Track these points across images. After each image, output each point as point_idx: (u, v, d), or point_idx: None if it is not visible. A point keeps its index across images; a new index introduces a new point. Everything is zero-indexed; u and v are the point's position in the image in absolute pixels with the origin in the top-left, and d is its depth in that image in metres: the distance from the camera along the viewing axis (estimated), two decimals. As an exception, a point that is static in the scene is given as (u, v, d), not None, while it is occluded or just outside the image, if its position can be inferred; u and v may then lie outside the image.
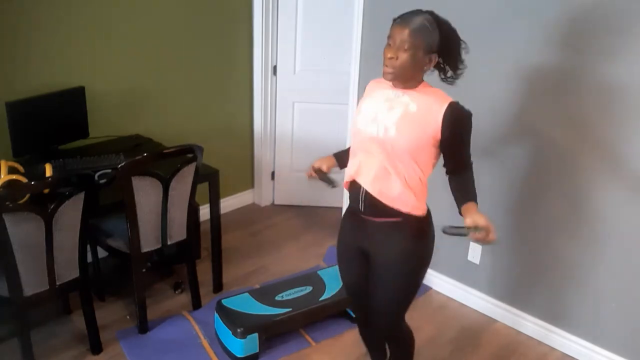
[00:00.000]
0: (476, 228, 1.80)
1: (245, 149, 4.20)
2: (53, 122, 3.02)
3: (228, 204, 4.12)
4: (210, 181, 3.09)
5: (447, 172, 1.97)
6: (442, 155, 1.95)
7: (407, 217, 1.96)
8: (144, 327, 2.91)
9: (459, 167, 1.95)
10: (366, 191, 1.97)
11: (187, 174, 2.78)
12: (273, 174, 4.30)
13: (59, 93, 3.01)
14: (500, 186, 2.92)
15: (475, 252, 3.12)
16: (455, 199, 1.95)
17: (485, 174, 2.94)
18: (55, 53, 3.05)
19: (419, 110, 1.88)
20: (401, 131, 1.87)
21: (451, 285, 3.29)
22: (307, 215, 4.19)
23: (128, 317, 3.04)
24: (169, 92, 3.61)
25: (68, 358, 2.74)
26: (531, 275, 2.97)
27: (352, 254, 2.15)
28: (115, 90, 3.34)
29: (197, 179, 2.86)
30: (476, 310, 3.20)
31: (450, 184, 1.98)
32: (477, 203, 1.91)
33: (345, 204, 3.77)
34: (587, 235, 2.71)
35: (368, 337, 2.40)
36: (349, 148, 2.16)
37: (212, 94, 3.86)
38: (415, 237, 2.00)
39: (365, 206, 2.00)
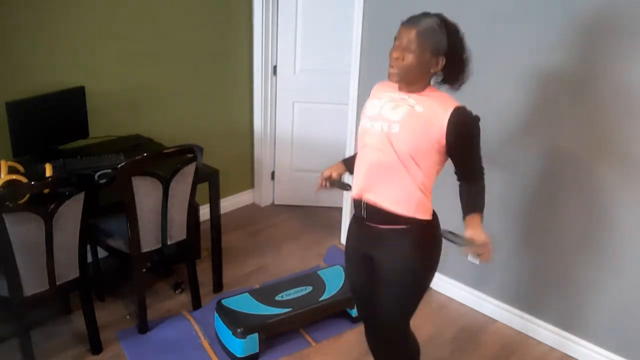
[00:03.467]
0: (472, 243, 1.79)
1: (245, 149, 4.20)
2: (53, 122, 3.02)
3: (228, 204, 4.12)
4: (210, 181, 3.09)
5: (458, 179, 1.94)
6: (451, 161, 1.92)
7: (411, 224, 1.93)
8: (144, 327, 2.91)
9: (468, 175, 1.92)
10: (367, 199, 1.96)
11: (187, 174, 2.78)
12: (273, 174, 4.30)
13: (59, 93, 3.01)
14: (509, 188, 2.92)
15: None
16: (462, 207, 1.92)
17: (495, 176, 2.94)
18: (55, 53, 3.05)
19: (425, 112, 1.84)
20: (405, 129, 1.84)
21: (451, 285, 3.29)
22: (307, 215, 4.19)
23: (128, 317, 3.04)
24: (169, 92, 3.61)
25: (68, 358, 2.74)
26: (531, 275, 2.97)
27: (358, 260, 2.13)
28: (115, 90, 3.34)
29: (197, 179, 2.86)
30: (476, 310, 3.20)
31: (459, 191, 1.94)
32: (482, 215, 1.87)
33: (345, 204, 3.78)
34: (588, 235, 2.71)
35: (374, 344, 2.33)
36: (356, 154, 2.14)
37: (212, 94, 3.86)
38: (420, 244, 1.96)
39: (368, 213, 1.98)
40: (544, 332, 2.96)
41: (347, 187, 2.10)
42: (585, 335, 2.83)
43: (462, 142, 1.85)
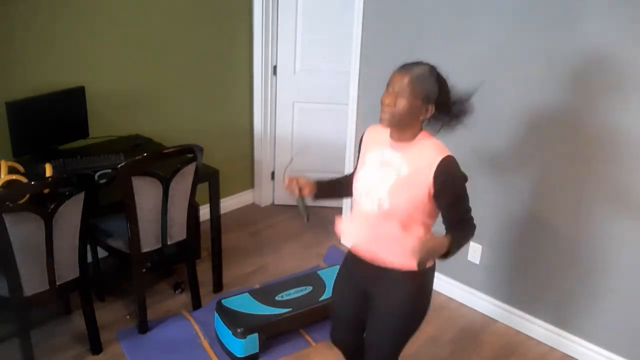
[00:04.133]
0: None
1: (245, 149, 4.20)
2: (53, 122, 3.02)
3: (228, 204, 4.12)
4: (210, 181, 3.09)
5: (445, 229, 1.92)
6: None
7: (410, 270, 1.94)
8: (144, 327, 2.91)
9: (454, 224, 1.90)
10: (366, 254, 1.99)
11: (187, 174, 2.78)
12: (273, 174, 4.30)
13: (59, 93, 3.01)
14: (507, 189, 2.92)
15: (475, 252, 3.12)
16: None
17: (493, 177, 2.95)
18: (56, 53, 3.05)
19: (410, 173, 1.86)
20: (394, 200, 1.87)
21: (451, 285, 3.29)
22: (307, 215, 4.19)
23: (128, 317, 3.04)
24: (169, 92, 3.61)
25: (68, 358, 2.75)
26: (531, 276, 2.97)
27: (352, 291, 2.14)
28: (115, 90, 3.34)
29: (197, 179, 2.86)
30: (476, 310, 3.20)
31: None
32: (452, 245, 1.80)
33: (345, 204, 3.78)
34: (587, 235, 2.71)
35: None
36: (333, 180, 2.17)
37: (212, 94, 3.86)
38: (420, 284, 2.00)
39: (368, 260, 2.01)
40: (544, 332, 2.96)
41: (306, 216, 2.01)
42: (585, 335, 2.83)
43: (447, 190, 1.85)
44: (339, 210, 3.84)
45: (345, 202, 3.78)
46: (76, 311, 2.95)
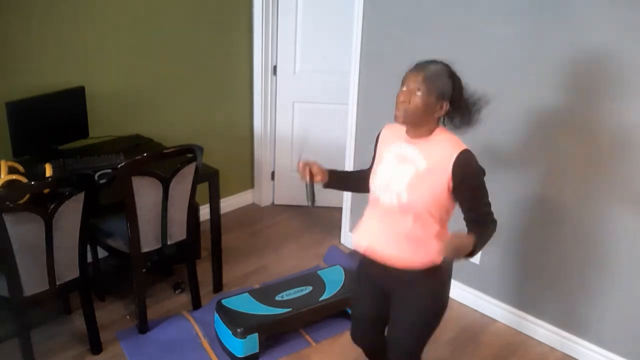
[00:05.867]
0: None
1: (245, 149, 4.20)
2: (53, 122, 3.02)
3: (228, 204, 4.12)
4: (210, 181, 3.09)
5: (466, 225, 1.92)
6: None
7: (429, 267, 1.95)
8: (144, 327, 2.91)
9: (474, 218, 1.91)
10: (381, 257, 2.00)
11: (187, 174, 2.78)
12: (273, 174, 4.30)
13: (59, 93, 3.01)
14: (506, 186, 2.92)
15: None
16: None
17: (496, 177, 2.94)
18: (55, 53, 3.05)
19: (428, 167, 1.88)
20: (412, 194, 1.88)
21: (451, 285, 3.27)
22: (307, 215, 4.19)
23: (128, 317, 3.04)
24: (169, 92, 3.61)
25: (68, 358, 2.75)
26: (531, 275, 2.97)
27: (372, 290, 2.15)
28: (115, 90, 3.34)
29: (197, 179, 2.86)
30: (476, 310, 3.20)
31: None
32: (477, 243, 1.79)
33: (345, 204, 3.78)
34: (587, 235, 2.71)
35: None
36: (347, 172, 2.19)
37: (212, 94, 3.86)
38: (439, 280, 2.02)
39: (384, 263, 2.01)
40: (544, 332, 2.96)
41: (312, 202, 2.02)
42: (586, 335, 2.83)
43: (467, 184, 1.87)
44: (339, 211, 3.84)
45: (346, 202, 3.77)
46: (76, 311, 2.95)
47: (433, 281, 2.01)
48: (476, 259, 3.13)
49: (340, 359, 2.83)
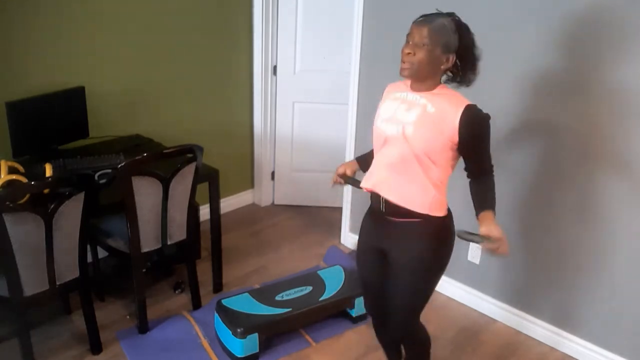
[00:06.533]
0: (489, 238, 1.83)
1: (245, 149, 4.20)
2: (53, 122, 3.02)
3: (228, 204, 4.12)
4: (210, 181, 3.09)
5: (467, 176, 1.99)
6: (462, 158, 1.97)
7: (427, 218, 1.97)
8: (144, 327, 2.91)
9: (478, 171, 1.97)
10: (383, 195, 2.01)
11: (187, 174, 2.78)
12: (273, 174, 4.30)
13: (59, 93, 3.01)
14: (505, 187, 2.91)
15: (475, 252, 3.12)
16: (474, 204, 1.96)
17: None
18: (55, 53, 3.05)
19: (437, 112, 1.89)
20: (419, 130, 1.89)
21: (451, 285, 3.29)
22: (307, 215, 4.19)
23: (128, 317, 3.04)
24: (169, 92, 3.61)
25: (68, 358, 2.74)
26: (531, 275, 2.97)
27: (371, 254, 2.16)
28: (115, 90, 3.34)
29: (197, 179, 2.86)
30: (476, 310, 3.20)
31: (470, 189, 1.99)
32: (494, 212, 1.92)
33: (345, 204, 3.78)
34: (591, 236, 2.71)
35: (384, 337, 2.39)
36: (370, 151, 2.19)
37: (213, 94, 3.86)
38: (435, 239, 2.02)
39: (387, 207, 2.02)
40: (544, 332, 2.96)
41: (358, 184, 2.14)
42: (586, 335, 2.83)
43: (473, 140, 1.89)
44: (339, 211, 3.84)
45: (346, 202, 3.77)
46: (76, 311, 2.95)
47: (430, 238, 2.00)
48: (476, 259, 3.13)
49: (340, 359, 2.83)
